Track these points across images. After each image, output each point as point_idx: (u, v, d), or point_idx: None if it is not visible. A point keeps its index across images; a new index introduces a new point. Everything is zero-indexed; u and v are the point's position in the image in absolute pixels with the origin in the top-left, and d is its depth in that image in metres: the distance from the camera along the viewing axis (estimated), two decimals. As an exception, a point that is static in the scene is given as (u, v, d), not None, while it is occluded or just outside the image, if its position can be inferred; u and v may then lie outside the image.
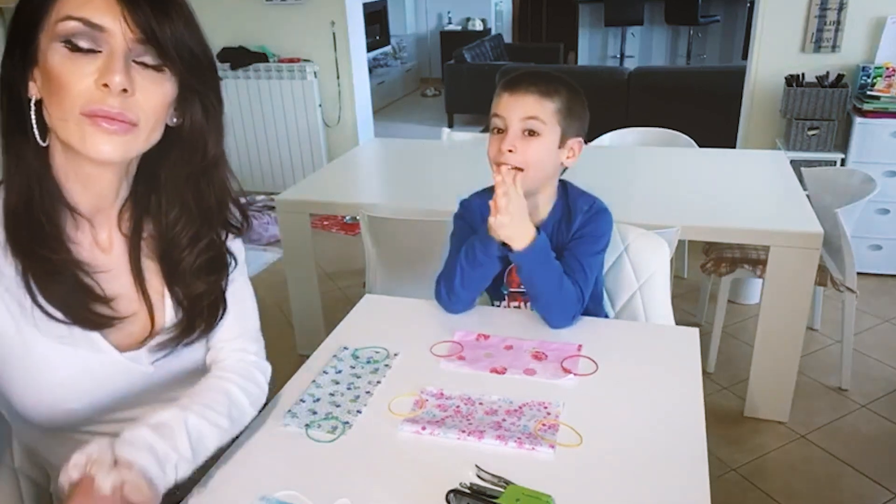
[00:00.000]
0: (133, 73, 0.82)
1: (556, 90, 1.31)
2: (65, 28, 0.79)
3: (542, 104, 1.30)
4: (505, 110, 1.31)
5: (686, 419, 1.05)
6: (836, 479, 2.06)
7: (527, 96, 1.30)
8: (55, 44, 0.80)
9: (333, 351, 1.26)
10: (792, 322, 2.15)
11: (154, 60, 0.83)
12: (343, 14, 3.88)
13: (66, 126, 0.82)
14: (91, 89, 0.80)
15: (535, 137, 1.30)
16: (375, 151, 3.15)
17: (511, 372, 1.18)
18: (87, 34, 0.79)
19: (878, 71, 3.04)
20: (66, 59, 0.80)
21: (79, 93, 0.80)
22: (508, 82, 1.33)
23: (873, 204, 3.04)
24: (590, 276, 1.35)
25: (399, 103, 7.50)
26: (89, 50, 0.80)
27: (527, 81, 1.31)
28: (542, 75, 1.33)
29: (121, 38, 0.80)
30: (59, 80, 0.80)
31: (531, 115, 1.29)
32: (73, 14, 0.79)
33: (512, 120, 1.30)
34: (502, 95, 1.33)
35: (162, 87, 0.85)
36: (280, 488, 0.93)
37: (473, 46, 6.43)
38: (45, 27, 0.81)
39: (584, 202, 1.38)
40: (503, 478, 0.93)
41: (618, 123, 3.16)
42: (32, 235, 0.85)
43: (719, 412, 2.36)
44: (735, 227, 2.09)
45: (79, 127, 0.81)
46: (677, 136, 3.01)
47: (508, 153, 1.29)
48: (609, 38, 7.90)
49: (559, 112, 1.31)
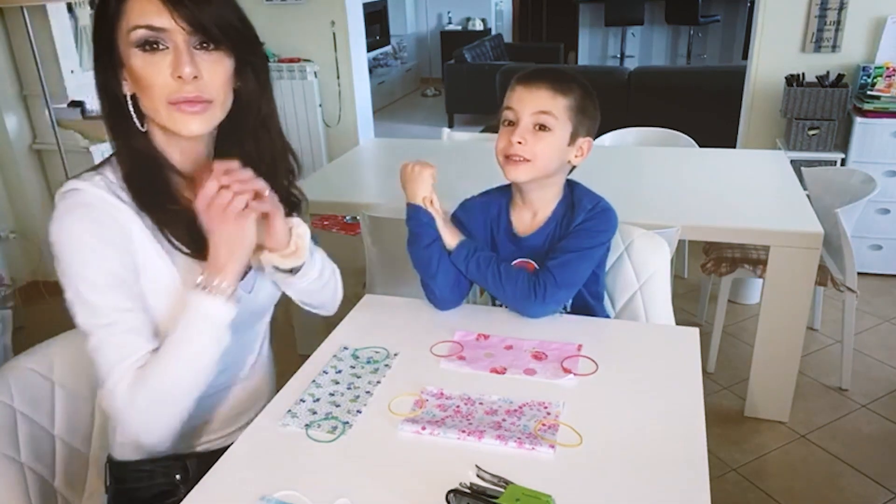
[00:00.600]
0: (197, 60, 0.96)
1: (570, 87, 1.32)
2: (135, 36, 0.95)
3: (556, 99, 1.30)
4: (518, 103, 1.31)
5: (686, 419, 1.05)
6: (836, 479, 2.06)
7: (540, 90, 1.30)
8: (132, 49, 0.96)
9: (333, 351, 1.26)
10: (792, 322, 2.15)
11: (208, 44, 0.97)
12: (343, 14, 3.88)
13: (158, 114, 0.98)
14: (169, 82, 0.95)
15: (545, 132, 1.31)
16: (375, 151, 3.15)
17: (511, 372, 1.18)
18: (153, 37, 0.94)
19: (879, 71, 3.04)
20: (144, 60, 0.95)
21: (160, 87, 0.96)
22: (524, 76, 1.34)
23: (873, 204, 3.04)
24: (573, 271, 1.32)
25: (399, 103, 7.50)
26: (159, 49, 0.95)
27: (541, 76, 1.32)
28: (558, 72, 1.34)
29: (179, 34, 0.94)
30: (143, 80, 0.96)
31: (543, 110, 1.30)
32: (138, 23, 0.94)
33: (524, 113, 1.30)
34: (516, 88, 1.33)
35: (222, 65, 0.99)
36: (280, 488, 0.93)
37: (473, 46, 6.43)
38: (121, 35, 0.96)
39: (588, 201, 1.38)
40: (503, 478, 0.93)
41: (618, 123, 3.15)
42: (153, 194, 1.03)
43: (719, 412, 2.36)
44: (735, 227, 2.09)
45: (168, 114, 0.97)
46: (677, 136, 3.01)
47: (518, 145, 1.29)
48: (609, 37, 7.90)
49: (571, 109, 1.31)
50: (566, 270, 1.32)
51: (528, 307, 1.33)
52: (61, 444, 1.24)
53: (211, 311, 1.00)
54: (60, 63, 3.13)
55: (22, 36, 2.99)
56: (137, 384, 0.97)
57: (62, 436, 1.24)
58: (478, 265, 1.35)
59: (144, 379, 0.97)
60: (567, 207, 1.39)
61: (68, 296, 0.98)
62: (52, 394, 1.23)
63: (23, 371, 1.19)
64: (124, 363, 0.97)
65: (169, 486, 1.14)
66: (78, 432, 1.28)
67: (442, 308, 1.39)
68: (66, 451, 1.25)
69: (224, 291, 1.00)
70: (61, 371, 1.24)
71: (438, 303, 1.39)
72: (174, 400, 1.01)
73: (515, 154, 1.30)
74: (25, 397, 1.17)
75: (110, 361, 0.97)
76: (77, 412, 1.27)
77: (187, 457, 1.17)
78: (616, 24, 7.62)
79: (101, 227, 0.98)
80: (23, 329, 3.07)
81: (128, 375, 0.97)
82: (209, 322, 1.00)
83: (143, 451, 1.15)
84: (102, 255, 0.98)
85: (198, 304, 0.99)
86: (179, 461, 1.16)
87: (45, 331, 1.27)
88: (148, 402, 0.98)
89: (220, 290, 1.00)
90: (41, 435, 1.20)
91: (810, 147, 3.16)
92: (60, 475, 1.23)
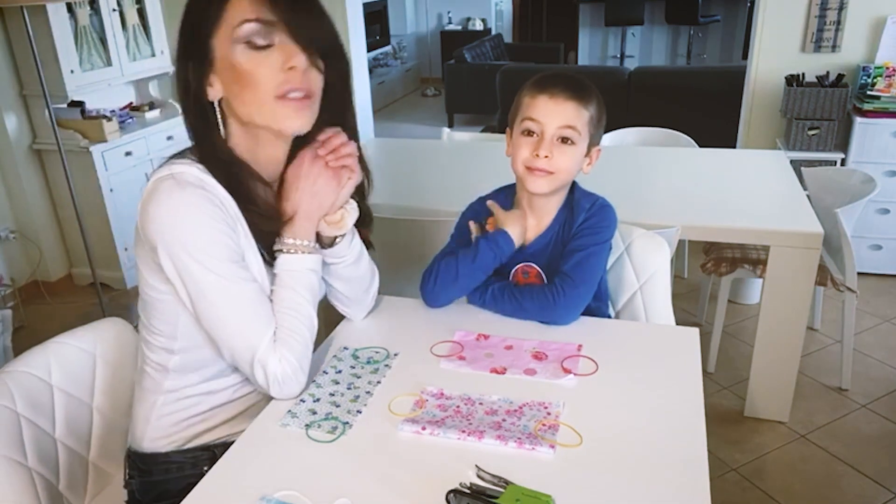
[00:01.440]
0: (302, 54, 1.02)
1: (591, 99, 1.30)
2: (244, 31, 0.98)
3: (580, 113, 1.28)
4: (544, 115, 1.28)
5: (686, 419, 1.05)
6: (836, 479, 2.06)
7: (567, 103, 1.28)
8: (238, 46, 0.99)
9: (333, 351, 1.26)
10: (792, 322, 2.15)
11: (311, 47, 1.02)
12: (343, 14, 3.88)
13: (261, 111, 1.02)
14: (279, 75, 0.99)
15: (569, 146, 1.29)
16: (375, 151, 3.14)
17: (511, 372, 1.18)
18: (261, 32, 0.98)
19: (879, 71, 3.04)
20: (251, 56, 0.99)
21: (269, 80, 0.99)
22: (545, 85, 1.29)
23: (873, 204, 3.04)
24: (587, 269, 1.33)
25: (399, 103, 7.50)
26: (266, 45, 0.99)
27: (566, 87, 1.28)
28: (577, 80, 1.31)
29: (283, 28, 0.99)
30: (250, 75, 0.99)
31: (570, 124, 1.28)
32: (248, 17, 0.98)
33: (549, 126, 1.28)
34: (538, 98, 1.29)
35: (316, 62, 1.04)
36: (280, 488, 0.93)
37: (474, 46, 6.43)
38: (218, 35, 1.00)
39: (586, 201, 1.38)
40: (503, 478, 0.93)
41: (618, 123, 3.15)
42: (240, 200, 1.07)
43: (719, 412, 2.36)
44: (735, 226, 2.09)
45: (273, 109, 1.01)
46: (677, 136, 3.01)
47: (543, 159, 1.28)
48: (609, 37, 7.91)
49: (591, 121, 1.30)
50: (580, 269, 1.32)
51: (553, 313, 1.32)
52: (63, 447, 1.24)
53: (308, 265, 1.11)
54: (60, 63, 3.13)
55: (22, 36, 2.99)
56: (285, 353, 1.06)
57: (63, 439, 1.24)
58: (494, 299, 1.36)
59: (290, 346, 1.07)
60: (567, 210, 1.39)
61: (177, 269, 1.01)
62: (51, 398, 1.22)
63: (22, 375, 1.19)
64: (265, 338, 1.05)
65: (197, 477, 1.15)
66: (78, 435, 1.28)
67: (433, 306, 1.40)
68: (68, 454, 1.25)
69: (306, 248, 1.11)
70: (58, 375, 1.24)
71: (435, 301, 1.39)
72: (308, 352, 1.11)
73: (539, 168, 1.30)
74: (27, 401, 1.17)
75: (253, 337, 1.05)
76: (76, 415, 1.27)
77: (217, 447, 1.18)
78: (616, 24, 7.62)
79: (211, 204, 1.02)
80: (23, 329, 3.08)
81: (273, 349, 1.06)
82: (308, 276, 1.11)
83: (176, 443, 1.18)
84: (220, 229, 1.02)
85: (291, 264, 1.10)
86: (209, 451, 1.18)
87: (45, 331, 1.27)
88: (300, 363, 1.08)
89: (302, 248, 1.11)
90: (45, 439, 1.20)
91: (810, 147, 3.16)
92: (64, 479, 1.23)
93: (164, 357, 1.14)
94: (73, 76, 3.21)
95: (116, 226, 3.35)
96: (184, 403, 1.16)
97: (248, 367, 1.07)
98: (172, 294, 1.07)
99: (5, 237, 3.26)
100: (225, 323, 1.04)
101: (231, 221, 1.05)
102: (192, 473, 1.17)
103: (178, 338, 1.12)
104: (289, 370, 1.07)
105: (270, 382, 1.07)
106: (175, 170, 1.03)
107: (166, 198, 1.00)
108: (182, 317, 1.10)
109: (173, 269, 1.02)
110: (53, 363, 1.24)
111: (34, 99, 3.23)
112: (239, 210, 1.07)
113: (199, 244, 1.00)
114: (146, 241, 1.03)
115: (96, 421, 1.31)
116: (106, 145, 3.25)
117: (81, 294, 3.45)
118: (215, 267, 1.02)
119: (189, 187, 1.01)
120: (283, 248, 1.11)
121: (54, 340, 1.27)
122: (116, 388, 1.34)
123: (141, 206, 1.03)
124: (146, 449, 1.19)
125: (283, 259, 1.11)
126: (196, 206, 1.01)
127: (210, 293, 1.02)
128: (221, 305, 1.03)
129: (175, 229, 1.00)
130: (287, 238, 1.11)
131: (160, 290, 1.08)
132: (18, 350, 2.49)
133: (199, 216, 1.01)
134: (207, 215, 1.01)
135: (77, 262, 3.52)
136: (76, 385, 1.27)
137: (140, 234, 1.05)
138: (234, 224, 1.06)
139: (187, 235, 1.00)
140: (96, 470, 1.31)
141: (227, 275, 1.03)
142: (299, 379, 1.09)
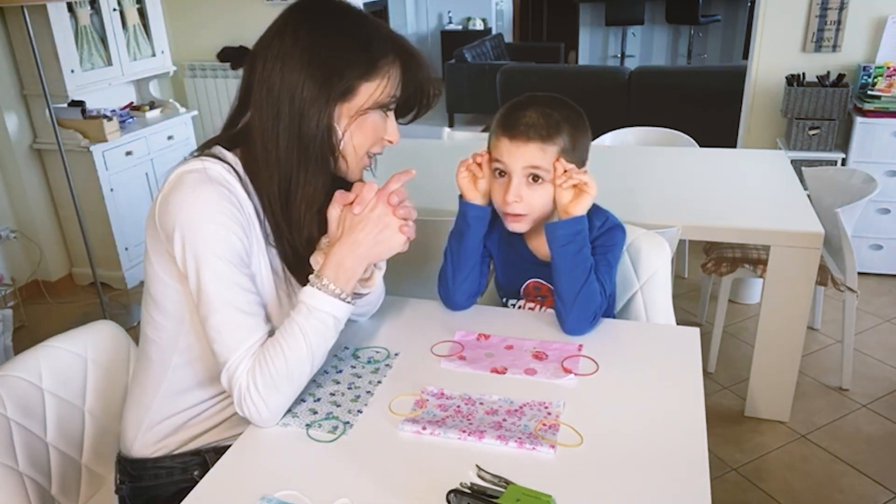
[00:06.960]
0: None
1: (558, 130, 1.26)
2: (384, 100, 1.10)
3: (545, 151, 1.26)
4: (508, 157, 1.28)
5: (686, 419, 1.05)
6: (836, 479, 2.06)
7: (528, 145, 1.26)
8: (377, 108, 1.10)
9: (334, 350, 1.26)
10: (792, 322, 2.15)
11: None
12: (343, 14, 3.88)
13: (355, 156, 1.12)
14: (380, 141, 1.15)
15: (539, 184, 1.28)
16: (376, 151, 3.14)
17: (512, 372, 1.18)
18: (390, 104, 1.12)
19: (879, 70, 3.04)
20: (381, 118, 1.12)
21: (375, 141, 1.13)
22: (507, 126, 1.28)
23: (874, 204, 3.04)
24: (608, 287, 1.33)
25: (399, 103, 7.49)
26: (385, 114, 1.14)
27: (527, 126, 1.26)
28: (542, 115, 1.27)
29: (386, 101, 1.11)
30: (373, 132, 1.12)
31: (534, 165, 1.27)
32: (391, 94, 1.10)
33: (515, 167, 1.28)
34: (501, 139, 1.29)
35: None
36: (280, 488, 0.93)
37: (474, 46, 6.43)
38: (370, 88, 1.07)
39: (597, 219, 1.35)
40: (504, 478, 0.93)
41: (618, 123, 3.15)
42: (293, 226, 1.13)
43: (720, 412, 2.36)
44: (735, 226, 2.09)
45: (360, 161, 1.14)
46: (678, 136, 3.01)
47: (515, 203, 1.28)
48: (610, 37, 7.90)
49: (563, 151, 1.27)
50: (607, 293, 1.33)
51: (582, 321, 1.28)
52: (55, 451, 1.24)
53: (335, 308, 1.07)
54: (60, 63, 3.13)
55: (22, 35, 2.99)
56: (256, 369, 1.03)
57: (55, 443, 1.24)
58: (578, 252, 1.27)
59: (264, 364, 1.02)
60: None
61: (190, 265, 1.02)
62: (42, 402, 1.22)
63: (12, 380, 1.18)
64: (243, 346, 1.03)
65: (187, 482, 1.15)
66: (70, 439, 1.27)
67: (453, 308, 1.39)
68: (60, 458, 1.25)
69: (339, 294, 1.08)
70: (49, 378, 1.24)
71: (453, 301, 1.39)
72: (290, 386, 1.06)
73: (512, 213, 1.30)
74: (18, 406, 1.16)
75: (232, 342, 1.03)
76: (68, 419, 1.27)
77: (207, 451, 1.18)
78: (616, 24, 7.61)
79: (231, 204, 1.04)
80: (23, 328, 3.08)
81: (247, 359, 1.03)
82: (332, 319, 1.07)
83: (167, 447, 1.18)
84: (232, 230, 1.04)
85: (318, 299, 1.06)
86: (199, 456, 1.18)
87: (45, 330, 1.27)
88: (265, 387, 1.02)
89: (334, 293, 1.07)
90: (36, 443, 1.19)
91: (811, 147, 3.16)
92: (56, 483, 1.23)
93: (167, 356, 1.14)
94: (73, 76, 3.21)
95: (117, 225, 3.35)
96: (180, 405, 1.16)
97: (223, 370, 1.05)
98: (181, 284, 1.07)
99: (6, 237, 3.26)
100: (214, 319, 1.04)
101: (246, 224, 1.06)
102: (183, 479, 1.17)
103: (181, 335, 1.12)
104: (252, 390, 1.02)
105: (233, 394, 1.04)
106: (200, 164, 1.05)
107: (188, 193, 1.02)
108: (187, 314, 1.10)
109: (185, 256, 1.02)
110: (44, 367, 1.23)
111: (35, 98, 3.23)
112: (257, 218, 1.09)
113: (210, 244, 1.02)
114: (161, 230, 1.04)
115: (88, 424, 1.31)
116: (106, 145, 3.24)
117: (82, 294, 3.45)
118: (221, 268, 1.03)
119: (210, 184, 1.03)
120: (317, 286, 1.07)
121: (44, 344, 1.26)
122: (108, 390, 1.33)
123: (162, 196, 1.04)
124: (136, 454, 1.19)
125: (317, 295, 1.07)
126: (216, 202, 1.03)
127: (207, 287, 1.03)
128: (213, 301, 1.03)
129: (194, 218, 1.02)
130: (326, 280, 1.07)
131: (169, 284, 1.08)
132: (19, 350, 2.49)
133: (215, 213, 1.02)
134: (223, 213, 1.03)
135: (77, 262, 3.53)
136: (67, 388, 1.27)
137: (155, 224, 1.05)
138: (249, 228, 1.07)
139: (204, 226, 1.02)
140: (89, 473, 1.30)
141: (227, 274, 1.03)
142: (258, 405, 1.02)
